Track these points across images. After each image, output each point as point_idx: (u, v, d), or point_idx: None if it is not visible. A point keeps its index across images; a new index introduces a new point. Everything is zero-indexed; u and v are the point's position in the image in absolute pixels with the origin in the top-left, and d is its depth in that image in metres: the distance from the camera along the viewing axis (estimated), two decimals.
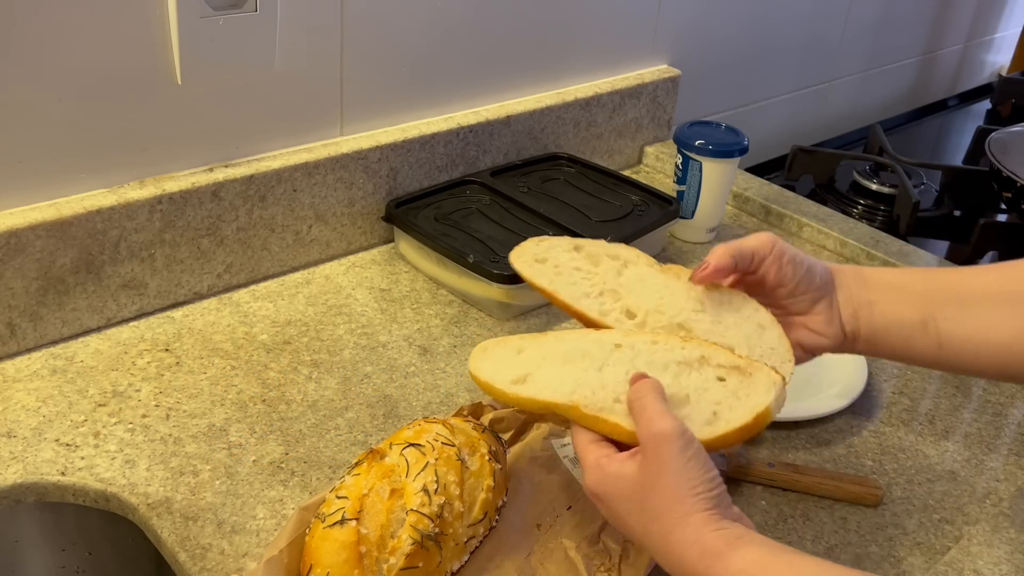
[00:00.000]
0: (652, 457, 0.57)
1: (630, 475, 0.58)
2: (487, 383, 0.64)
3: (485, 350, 0.67)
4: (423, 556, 0.59)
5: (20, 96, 0.76)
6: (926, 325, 0.69)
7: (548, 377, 0.63)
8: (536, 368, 0.64)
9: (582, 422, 0.61)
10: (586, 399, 0.60)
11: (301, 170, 0.93)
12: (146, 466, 0.71)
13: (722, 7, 1.34)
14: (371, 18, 0.95)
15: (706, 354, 0.63)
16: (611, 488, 0.59)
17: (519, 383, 0.63)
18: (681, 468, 0.56)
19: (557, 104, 1.15)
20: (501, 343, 0.67)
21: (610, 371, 0.62)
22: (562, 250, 0.73)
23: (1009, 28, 2.06)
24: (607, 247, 0.74)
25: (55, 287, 0.81)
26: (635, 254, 0.74)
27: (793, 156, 1.38)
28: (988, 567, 0.70)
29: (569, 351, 0.64)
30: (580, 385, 0.61)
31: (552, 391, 0.62)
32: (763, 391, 0.60)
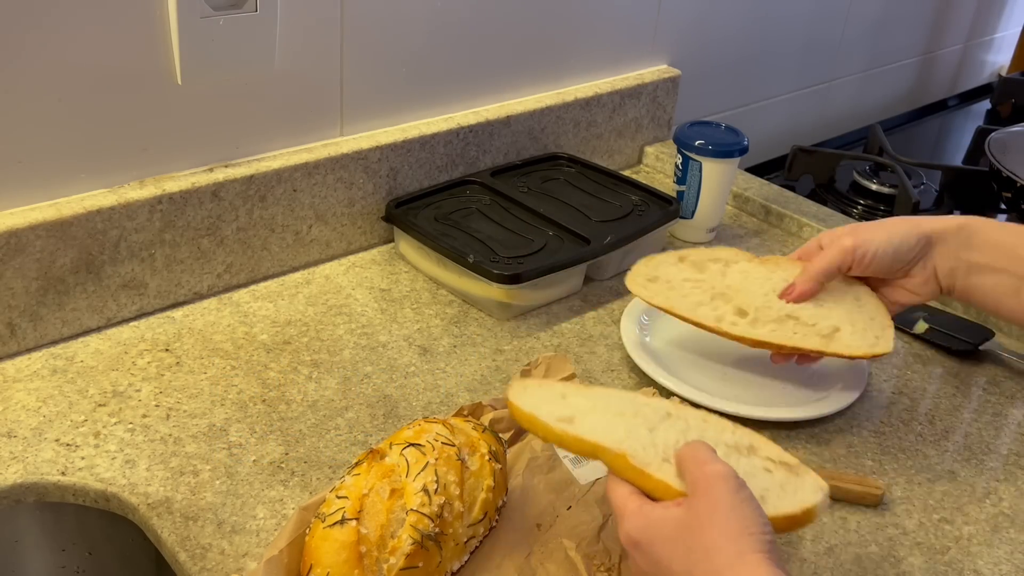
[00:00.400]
0: (703, 495, 0.54)
1: (676, 517, 0.55)
2: (530, 415, 0.64)
3: (525, 387, 0.67)
4: (423, 556, 0.59)
5: (20, 96, 0.76)
6: (1019, 290, 0.72)
7: (597, 422, 0.62)
8: (584, 414, 0.63)
9: (624, 473, 0.60)
10: (635, 451, 0.59)
11: (301, 170, 0.93)
12: (146, 466, 0.71)
13: (722, 7, 1.34)
14: (371, 18, 0.95)
15: (755, 444, 0.63)
16: (654, 531, 0.56)
17: (565, 422, 0.62)
18: (735, 506, 0.54)
19: (557, 104, 1.15)
20: (542, 384, 0.67)
21: (661, 434, 0.62)
22: (669, 264, 0.84)
23: (1009, 28, 2.06)
24: (708, 252, 0.85)
25: (55, 287, 0.81)
26: (734, 252, 0.85)
27: (793, 156, 1.38)
28: (988, 567, 0.70)
29: (620, 407, 0.64)
30: (630, 437, 0.61)
31: (601, 436, 0.61)
32: (810, 492, 0.60)
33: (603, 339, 0.92)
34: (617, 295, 0.99)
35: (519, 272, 0.90)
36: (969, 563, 0.70)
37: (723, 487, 0.54)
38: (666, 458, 0.59)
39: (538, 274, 0.91)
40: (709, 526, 0.53)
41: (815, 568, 0.68)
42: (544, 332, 0.92)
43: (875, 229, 0.78)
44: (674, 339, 0.91)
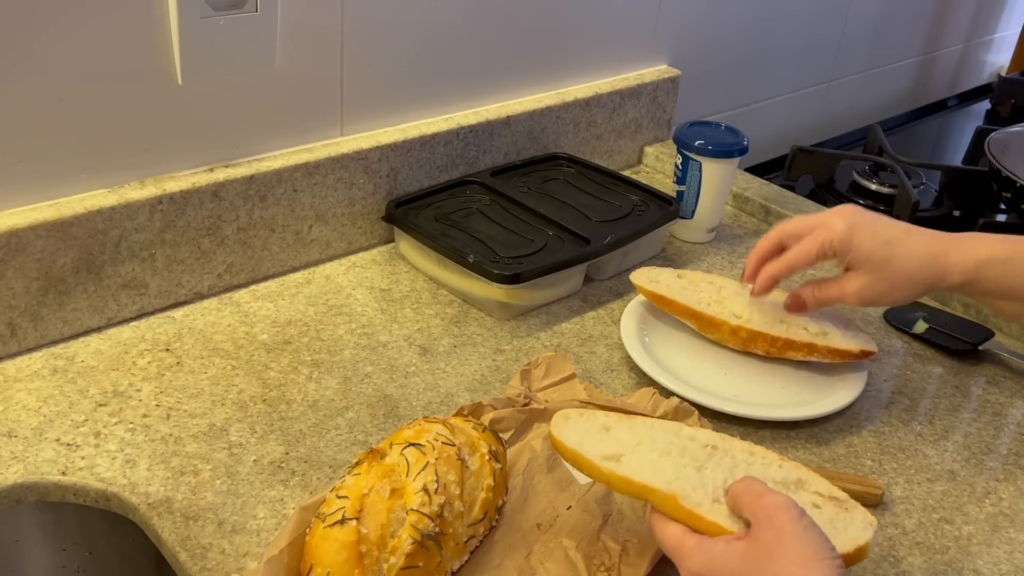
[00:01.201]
0: (767, 526, 0.54)
1: (741, 549, 0.54)
2: (575, 452, 0.63)
3: (567, 418, 0.66)
4: (423, 556, 0.59)
5: (21, 96, 0.76)
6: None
7: (644, 462, 0.61)
8: (629, 450, 0.63)
9: (676, 514, 0.59)
10: (685, 493, 0.59)
11: (301, 170, 0.93)
12: (147, 466, 0.71)
13: (722, 7, 1.34)
14: (371, 18, 0.95)
15: (803, 478, 0.63)
16: (719, 565, 0.54)
17: (611, 460, 0.62)
18: (801, 534, 0.53)
19: (557, 104, 1.15)
20: (585, 415, 0.66)
21: (709, 473, 0.61)
22: (669, 276, 0.93)
23: (1009, 28, 2.06)
24: (703, 275, 0.93)
25: (56, 287, 0.81)
26: (727, 280, 0.92)
27: (793, 156, 1.38)
28: (988, 567, 0.70)
29: (667, 443, 0.63)
30: (679, 478, 0.60)
31: (650, 477, 0.60)
32: (861, 528, 0.60)
33: (603, 339, 0.92)
34: (617, 295, 0.99)
35: (519, 272, 0.90)
36: (969, 563, 0.70)
37: (786, 516, 0.53)
38: (716, 499, 0.59)
39: (538, 274, 0.91)
40: (779, 555, 0.52)
41: None
42: (544, 332, 0.92)
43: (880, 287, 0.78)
44: (674, 339, 0.91)
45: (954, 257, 0.76)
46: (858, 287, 0.79)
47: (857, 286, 0.79)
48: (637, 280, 0.92)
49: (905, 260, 0.77)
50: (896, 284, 0.78)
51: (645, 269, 0.94)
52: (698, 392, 0.82)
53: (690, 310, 0.88)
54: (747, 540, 0.54)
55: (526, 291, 0.92)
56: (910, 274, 0.77)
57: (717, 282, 0.92)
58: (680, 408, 0.79)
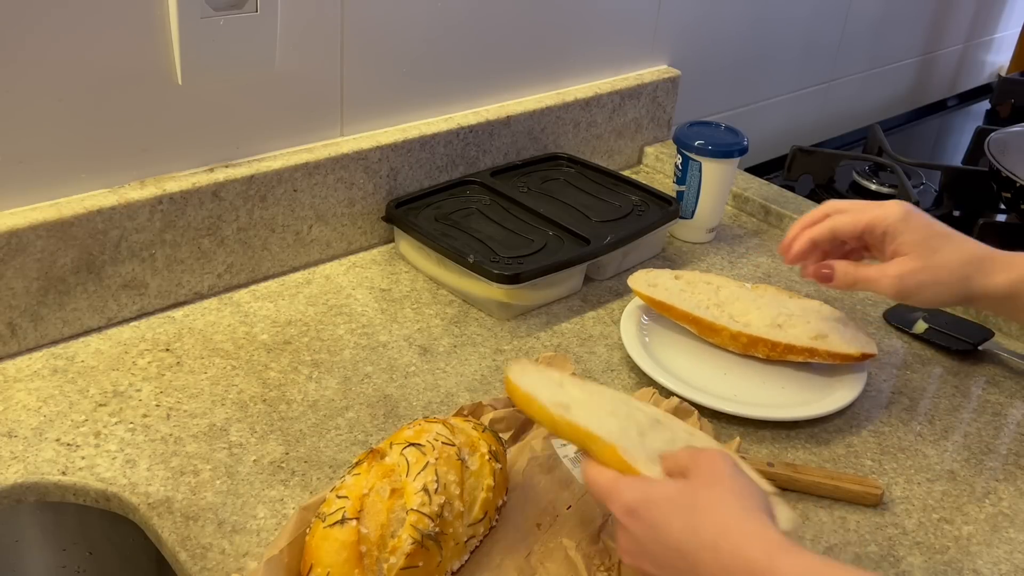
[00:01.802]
0: (706, 468, 0.56)
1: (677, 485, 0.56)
2: (527, 395, 0.65)
3: (524, 369, 0.69)
4: (423, 555, 0.59)
5: (21, 96, 0.76)
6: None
7: (592, 415, 0.64)
8: (579, 404, 0.65)
9: (613, 464, 0.61)
10: (625, 447, 0.61)
11: (301, 170, 0.93)
12: (147, 466, 0.71)
13: (722, 7, 1.34)
14: (371, 18, 0.95)
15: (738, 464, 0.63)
16: (655, 497, 0.56)
17: (562, 408, 0.64)
18: (736, 475, 0.55)
19: (557, 104, 1.15)
20: (539, 369, 0.69)
21: (650, 439, 0.63)
22: (666, 277, 0.93)
23: (1009, 28, 2.06)
24: (700, 275, 0.93)
25: (56, 287, 0.81)
26: (724, 280, 0.92)
27: (793, 156, 1.38)
28: (988, 567, 0.70)
29: (614, 407, 0.65)
30: (622, 436, 0.62)
31: (596, 427, 0.62)
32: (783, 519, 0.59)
33: (603, 339, 0.92)
34: (617, 295, 0.99)
35: (519, 272, 0.90)
36: (968, 563, 0.70)
37: (723, 461, 0.56)
38: (653, 460, 0.60)
39: (538, 274, 0.91)
40: (715, 486, 0.54)
41: None
42: (544, 332, 0.92)
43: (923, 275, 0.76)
44: (674, 339, 0.91)
45: (1000, 263, 0.76)
46: (900, 271, 0.76)
47: (899, 270, 0.76)
48: (635, 285, 0.92)
49: (954, 254, 0.76)
50: (939, 277, 0.76)
51: (643, 272, 0.94)
52: (698, 392, 0.82)
53: (689, 316, 0.88)
54: (685, 480, 0.56)
55: (526, 291, 0.92)
56: (954, 270, 0.76)
57: (715, 282, 0.92)
58: (680, 408, 0.79)
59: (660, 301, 0.90)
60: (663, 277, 0.93)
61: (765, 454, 0.79)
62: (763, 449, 0.79)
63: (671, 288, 0.91)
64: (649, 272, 0.94)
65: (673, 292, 0.90)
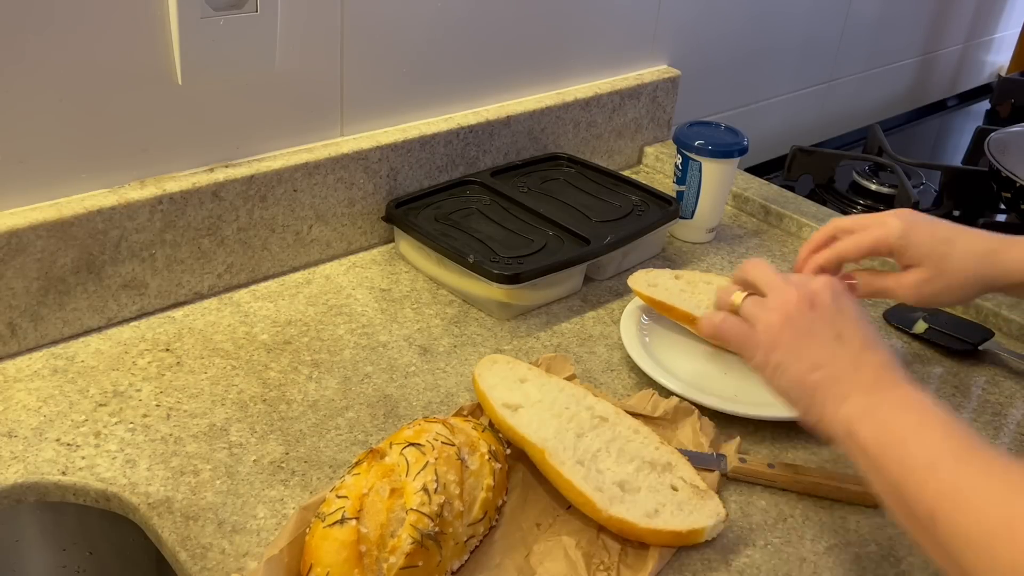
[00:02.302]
0: None
1: None
2: (483, 393, 0.74)
3: (494, 363, 0.77)
4: (423, 555, 0.59)
5: (21, 96, 0.76)
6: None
7: (534, 418, 0.71)
8: (530, 404, 0.73)
9: (541, 467, 0.69)
10: (554, 450, 0.68)
11: (301, 170, 0.93)
12: (147, 466, 0.71)
13: (722, 7, 1.34)
14: (371, 18, 0.95)
15: (673, 463, 0.71)
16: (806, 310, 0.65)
17: (509, 408, 0.72)
18: None
19: (557, 104, 1.15)
20: (510, 364, 0.77)
21: (586, 441, 0.70)
22: (667, 277, 0.93)
23: (1009, 28, 2.06)
24: (701, 276, 0.93)
25: (56, 287, 0.81)
26: (725, 280, 0.90)
27: (793, 156, 1.38)
28: None
29: (564, 406, 0.73)
30: (556, 438, 0.69)
31: (531, 431, 0.70)
32: (705, 515, 0.66)
33: (603, 339, 0.92)
34: (617, 295, 0.99)
35: (519, 272, 0.90)
36: None
37: None
38: (580, 461, 0.68)
39: (538, 274, 0.91)
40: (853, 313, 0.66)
41: (815, 568, 0.68)
42: (544, 332, 0.92)
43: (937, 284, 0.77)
44: (674, 339, 0.91)
45: (1014, 252, 0.76)
46: (915, 281, 0.78)
47: (915, 280, 0.78)
48: (635, 285, 0.92)
49: (964, 257, 0.77)
50: (954, 282, 0.77)
51: (643, 272, 0.93)
52: (698, 392, 0.82)
53: (689, 316, 0.88)
54: None
55: (526, 291, 0.92)
56: (968, 271, 0.77)
57: (715, 282, 0.92)
58: (680, 408, 0.79)
59: (660, 301, 0.89)
60: (663, 277, 0.93)
61: (765, 454, 0.79)
62: (763, 449, 0.79)
63: (671, 288, 0.91)
64: (649, 272, 0.94)
65: (673, 292, 0.90)
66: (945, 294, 0.78)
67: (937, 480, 0.53)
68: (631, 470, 0.69)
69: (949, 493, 0.52)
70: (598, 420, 0.72)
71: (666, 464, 0.70)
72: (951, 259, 0.77)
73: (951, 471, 0.53)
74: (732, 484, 0.75)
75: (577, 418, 0.71)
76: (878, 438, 0.57)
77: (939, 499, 0.52)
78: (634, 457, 0.69)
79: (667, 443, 0.72)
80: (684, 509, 0.67)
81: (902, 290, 0.79)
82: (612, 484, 0.67)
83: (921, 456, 0.55)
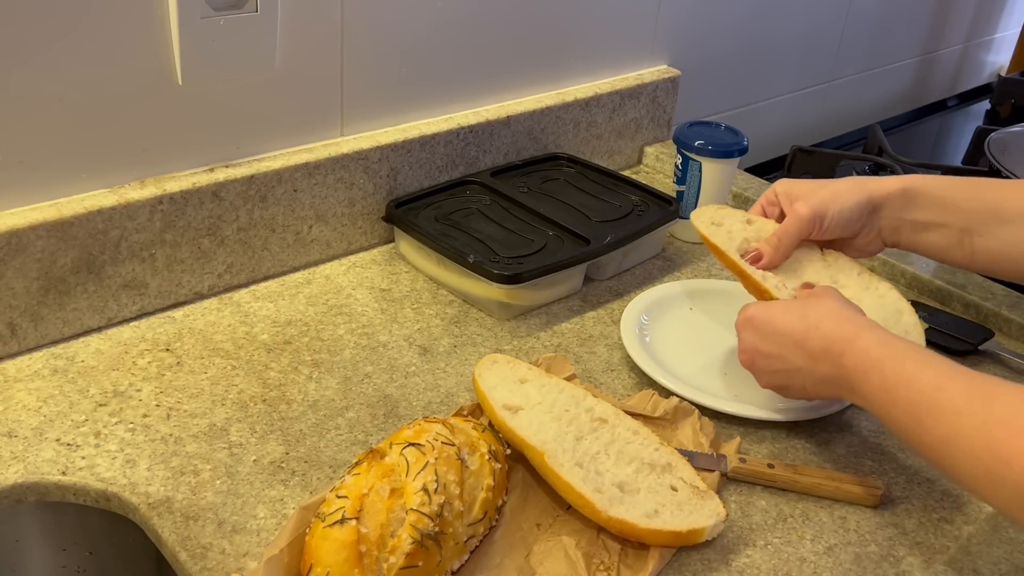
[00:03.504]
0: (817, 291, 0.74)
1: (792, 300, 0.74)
2: (483, 393, 0.73)
3: (495, 363, 0.77)
4: (423, 555, 0.59)
5: (21, 96, 0.76)
6: (962, 240, 0.78)
7: (534, 420, 0.71)
8: (529, 407, 0.72)
9: (541, 470, 0.69)
10: (554, 453, 0.68)
11: (302, 170, 0.93)
12: (147, 466, 0.71)
13: (722, 7, 1.34)
14: (371, 18, 0.95)
15: (673, 464, 0.70)
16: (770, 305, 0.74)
17: (509, 410, 0.72)
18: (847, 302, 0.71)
19: (557, 104, 1.15)
20: (510, 364, 0.77)
21: (585, 444, 0.70)
22: (736, 219, 0.86)
23: (1009, 28, 2.06)
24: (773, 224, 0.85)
25: (56, 287, 0.81)
26: None
27: (793, 156, 1.38)
28: (988, 567, 0.70)
29: (564, 408, 0.72)
30: (555, 441, 0.69)
31: (531, 434, 0.69)
32: (705, 516, 0.66)
33: (603, 339, 0.92)
34: (617, 295, 0.99)
35: (519, 272, 0.90)
36: (968, 563, 0.70)
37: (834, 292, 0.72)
38: (579, 463, 0.68)
39: (538, 274, 0.91)
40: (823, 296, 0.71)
41: (815, 568, 0.68)
42: (544, 332, 0.92)
43: (823, 193, 0.81)
44: (674, 339, 0.91)
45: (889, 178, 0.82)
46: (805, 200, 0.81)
47: (804, 200, 0.82)
48: (698, 220, 0.86)
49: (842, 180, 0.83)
50: (838, 191, 0.81)
51: (711, 208, 0.88)
52: (698, 392, 0.82)
53: (739, 268, 0.82)
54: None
55: (526, 291, 0.92)
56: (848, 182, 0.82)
57: None
58: (680, 408, 0.79)
59: (716, 246, 0.84)
60: (732, 219, 0.86)
61: (765, 454, 0.79)
62: (763, 449, 0.79)
63: (735, 231, 0.85)
64: (720, 209, 0.87)
65: (736, 237, 0.84)
66: (833, 202, 0.80)
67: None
68: (630, 472, 0.69)
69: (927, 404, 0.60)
70: (598, 422, 0.72)
71: (665, 465, 0.70)
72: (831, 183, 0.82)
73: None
74: (732, 484, 0.75)
75: (577, 421, 0.71)
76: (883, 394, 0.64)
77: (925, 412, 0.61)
78: (633, 459, 0.69)
79: (667, 444, 0.72)
80: (684, 509, 0.67)
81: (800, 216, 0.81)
82: (612, 485, 0.67)
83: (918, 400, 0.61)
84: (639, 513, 0.65)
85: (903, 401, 0.62)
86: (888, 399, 0.63)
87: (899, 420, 0.62)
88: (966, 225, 0.78)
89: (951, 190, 0.79)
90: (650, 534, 0.65)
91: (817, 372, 0.70)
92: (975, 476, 0.56)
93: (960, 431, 0.57)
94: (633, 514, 0.65)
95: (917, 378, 0.61)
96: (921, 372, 0.62)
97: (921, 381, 0.61)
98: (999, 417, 0.55)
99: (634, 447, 0.70)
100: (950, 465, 0.59)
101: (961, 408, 0.58)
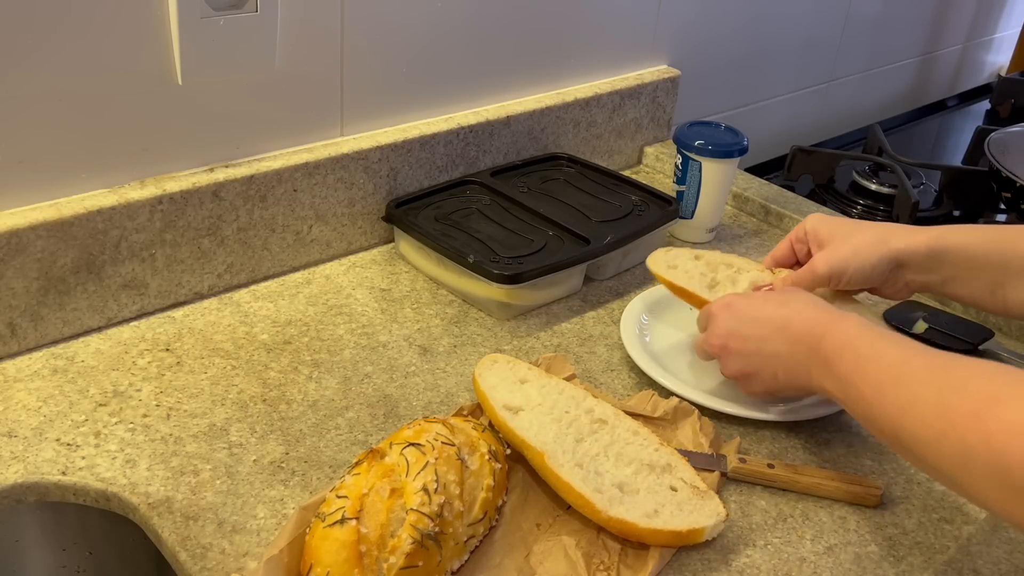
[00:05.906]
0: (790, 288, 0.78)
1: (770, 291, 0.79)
2: (484, 393, 0.74)
3: (495, 363, 0.77)
4: (423, 555, 0.59)
5: (21, 96, 0.76)
6: (994, 292, 0.77)
7: (534, 420, 0.71)
8: (529, 408, 0.72)
9: (541, 471, 0.69)
10: (553, 454, 0.68)
11: (301, 170, 0.93)
12: (147, 466, 0.71)
13: (722, 7, 1.34)
14: (371, 18, 0.95)
15: (673, 465, 0.70)
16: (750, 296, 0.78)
17: (509, 411, 0.72)
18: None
19: (557, 104, 1.15)
20: (510, 364, 0.77)
21: (585, 446, 0.70)
22: (687, 258, 0.90)
23: (1008, 28, 2.06)
24: (721, 256, 0.90)
25: (56, 287, 0.81)
26: (745, 261, 0.89)
27: (793, 156, 1.38)
28: (988, 567, 0.70)
29: (564, 409, 0.73)
30: (555, 442, 0.69)
31: (531, 435, 0.70)
32: (705, 515, 0.67)
33: (603, 339, 0.92)
34: (617, 295, 0.99)
35: (519, 272, 0.90)
36: (968, 563, 0.70)
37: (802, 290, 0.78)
38: (579, 464, 0.68)
39: (538, 274, 0.91)
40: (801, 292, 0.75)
41: (815, 568, 0.68)
42: (544, 332, 0.92)
43: (845, 250, 0.81)
44: (674, 339, 0.91)
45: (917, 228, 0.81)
46: (826, 254, 0.82)
47: (825, 254, 0.82)
48: (654, 266, 0.89)
49: (869, 228, 0.82)
50: (860, 248, 0.80)
51: (662, 251, 0.91)
52: (698, 392, 0.82)
53: (706, 303, 0.84)
54: None
55: (526, 291, 0.92)
56: (871, 238, 0.81)
57: (736, 264, 0.89)
58: (680, 408, 0.79)
59: (679, 286, 0.87)
60: (682, 258, 0.90)
61: (765, 454, 0.79)
62: (763, 449, 0.79)
63: (691, 270, 0.88)
64: (669, 251, 0.91)
65: (693, 275, 0.88)
66: (854, 260, 0.80)
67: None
68: (630, 472, 0.69)
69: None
70: (598, 423, 0.72)
71: (665, 465, 0.70)
72: (858, 233, 0.82)
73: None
74: (732, 484, 0.75)
75: (577, 422, 0.71)
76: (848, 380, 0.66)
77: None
78: (633, 459, 0.69)
79: (667, 444, 0.72)
80: (684, 509, 0.67)
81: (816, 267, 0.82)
82: (611, 486, 0.67)
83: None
84: (639, 513, 0.65)
85: (871, 375, 0.63)
86: (858, 375, 0.64)
87: (863, 394, 0.64)
88: (996, 279, 0.77)
89: (978, 244, 0.78)
90: (650, 534, 0.65)
91: (794, 356, 0.71)
92: (925, 441, 0.57)
93: (917, 398, 0.58)
94: (633, 514, 0.65)
95: (887, 353, 0.63)
96: (891, 348, 0.63)
97: (890, 355, 0.63)
98: (953, 384, 0.57)
99: (634, 448, 0.71)
100: (905, 434, 0.59)
101: (923, 378, 0.59)
